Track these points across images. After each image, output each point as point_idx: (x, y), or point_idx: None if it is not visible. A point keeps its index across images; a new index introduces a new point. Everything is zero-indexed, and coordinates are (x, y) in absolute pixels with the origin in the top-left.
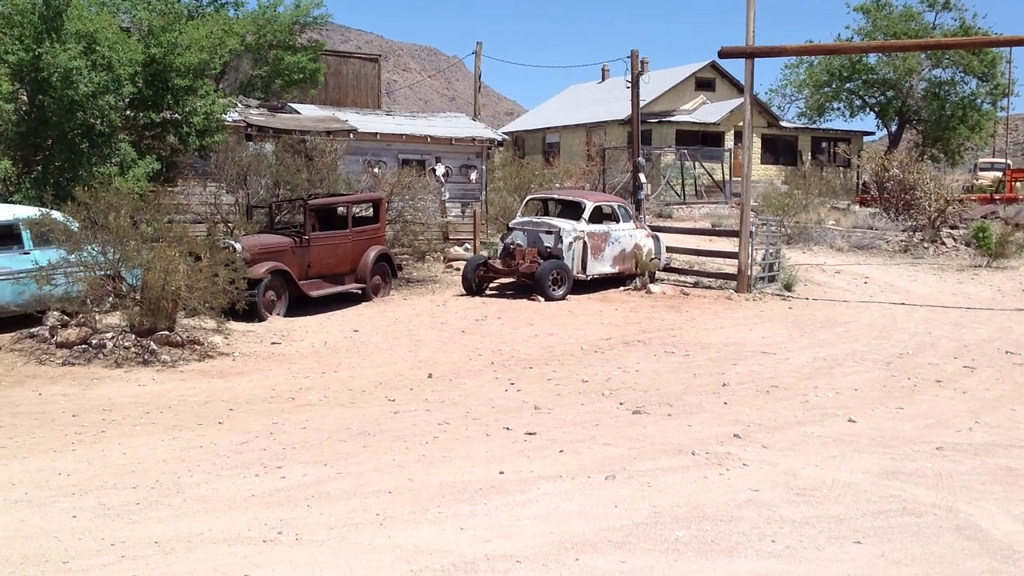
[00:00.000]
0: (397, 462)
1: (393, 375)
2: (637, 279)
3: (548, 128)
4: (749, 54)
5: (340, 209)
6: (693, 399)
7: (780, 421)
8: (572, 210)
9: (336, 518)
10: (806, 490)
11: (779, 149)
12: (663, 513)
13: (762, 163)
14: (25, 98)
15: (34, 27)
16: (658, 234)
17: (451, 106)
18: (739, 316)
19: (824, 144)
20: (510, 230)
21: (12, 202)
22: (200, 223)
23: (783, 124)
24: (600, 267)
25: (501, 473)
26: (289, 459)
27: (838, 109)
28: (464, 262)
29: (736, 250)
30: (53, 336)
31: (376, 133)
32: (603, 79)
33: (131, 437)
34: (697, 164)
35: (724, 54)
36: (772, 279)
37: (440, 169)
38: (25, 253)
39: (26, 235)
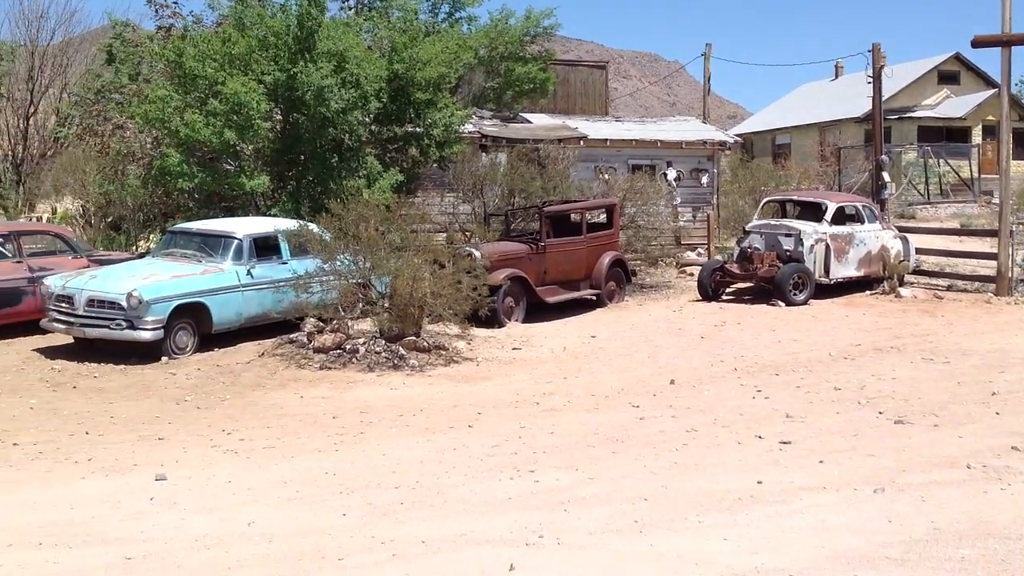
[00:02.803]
0: (649, 469)
1: (634, 381)
2: (885, 282)
3: (778, 129)
4: (1006, 42)
5: (574, 216)
6: (960, 408)
7: None
8: (812, 211)
9: (595, 523)
10: None
11: None
12: (943, 529)
13: (1014, 159)
14: (280, 116)
15: (288, 48)
16: (906, 235)
17: (672, 112)
18: (1001, 320)
19: None
20: (746, 233)
21: (270, 215)
22: (440, 232)
23: None
24: (844, 270)
25: (759, 483)
26: (541, 463)
27: None
28: (698, 267)
29: (992, 251)
30: (310, 341)
31: (606, 139)
32: (836, 76)
33: (388, 439)
34: (941, 162)
35: (977, 43)
36: None
37: (671, 173)
38: (283, 263)
39: (284, 246)
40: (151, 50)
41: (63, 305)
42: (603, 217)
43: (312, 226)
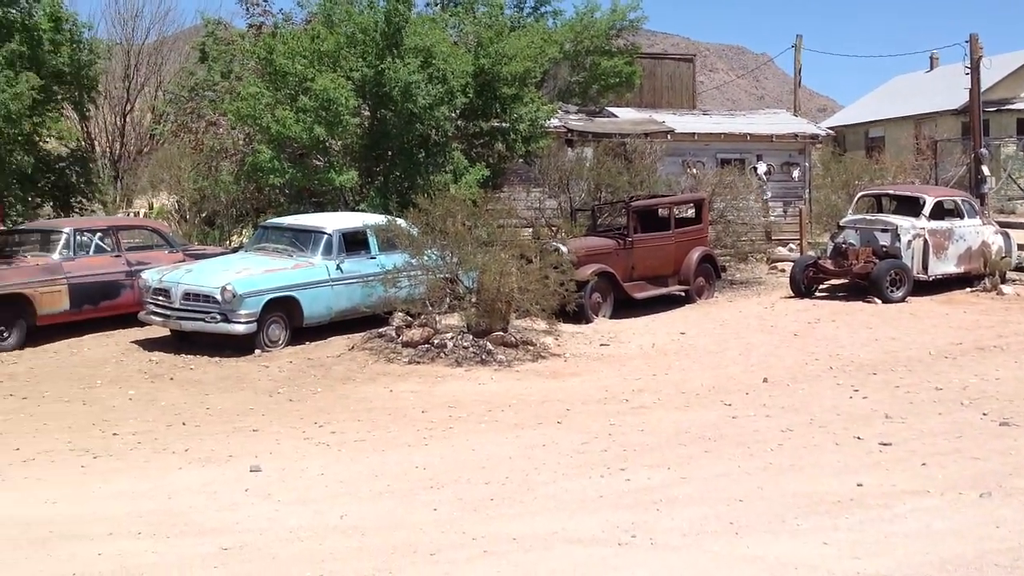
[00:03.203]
0: (743, 469)
1: (726, 378)
2: (986, 279)
3: (871, 122)
4: None
5: (662, 210)
6: None
7: None
8: (910, 206)
9: (688, 524)
10: None
11: None
12: None
13: None
14: (367, 112)
15: (376, 45)
16: (1008, 231)
17: (760, 105)
18: None
19: None
20: (841, 228)
21: (359, 210)
22: (526, 227)
23: None
24: (943, 267)
25: (859, 485)
26: (631, 461)
27: None
28: (790, 263)
29: None
30: (399, 336)
31: (694, 133)
32: (931, 68)
33: (477, 434)
34: None
35: None
36: None
37: (762, 167)
38: (372, 258)
39: (373, 241)
40: (242, 48)
41: (160, 298)
42: (691, 212)
43: (400, 221)
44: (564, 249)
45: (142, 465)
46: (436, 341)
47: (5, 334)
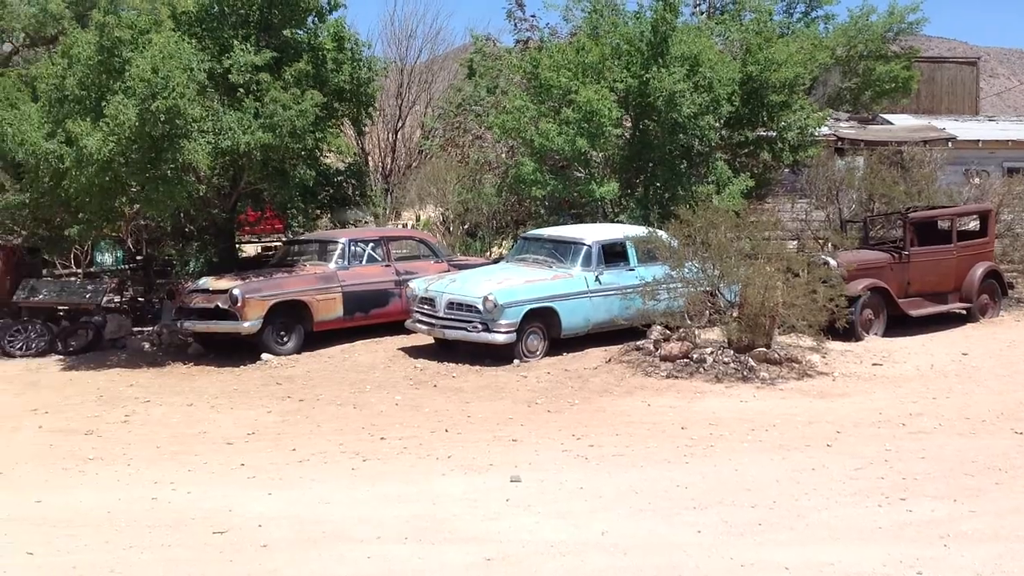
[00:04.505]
0: None
1: (1016, 404)
2: None
3: None
4: None
5: (942, 223)
6: None
7: None
8: None
9: (981, 562)
10: None
11: None
12: None
13: None
14: (629, 123)
15: (641, 54)
16: None
17: None
18: None
19: None
20: None
21: (617, 222)
22: (791, 240)
23: None
24: None
25: None
26: (912, 491)
27: None
28: None
29: None
30: (657, 349)
31: (978, 140)
32: None
33: (740, 453)
34: None
35: None
36: None
37: None
38: (631, 270)
39: (631, 252)
40: (509, 62)
41: (425, 307)
42: (975, 224)
43: (661, 233)
44: (833, 263)
45: (407, 470)
46: (695, 356)
47: (285, 338)
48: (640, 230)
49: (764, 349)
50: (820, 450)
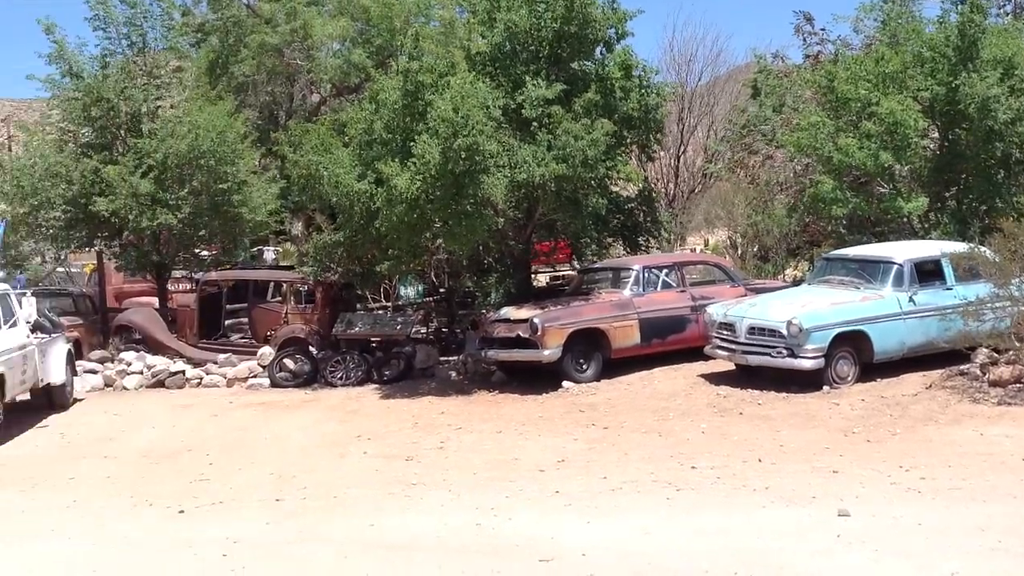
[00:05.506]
0: None
1: None
2: None
3: None
4: None
5: None
6: None
7: None
8: None
9: None
10: None
11: None
12: None
13: None
14: (936, 134)
15: (947, 60)
16: None
17: None
18: None
19: None
20: None
21: (927, 238)
22: None
23: None
24: None
25: None
26: None
27: None
28: None
29: None
30: (985, 374)
31: None
32: None
33: None
34: None
35: None
36: None
37: None
38: (948, 288)
39: (948, 270)
40: (800, 78)
41: (725, 332)
42: None
43: (983, 249)
44: None
45: (724, 500)
46: None
47: (584, 366)
48: (957, 246)
49: None
50: None
